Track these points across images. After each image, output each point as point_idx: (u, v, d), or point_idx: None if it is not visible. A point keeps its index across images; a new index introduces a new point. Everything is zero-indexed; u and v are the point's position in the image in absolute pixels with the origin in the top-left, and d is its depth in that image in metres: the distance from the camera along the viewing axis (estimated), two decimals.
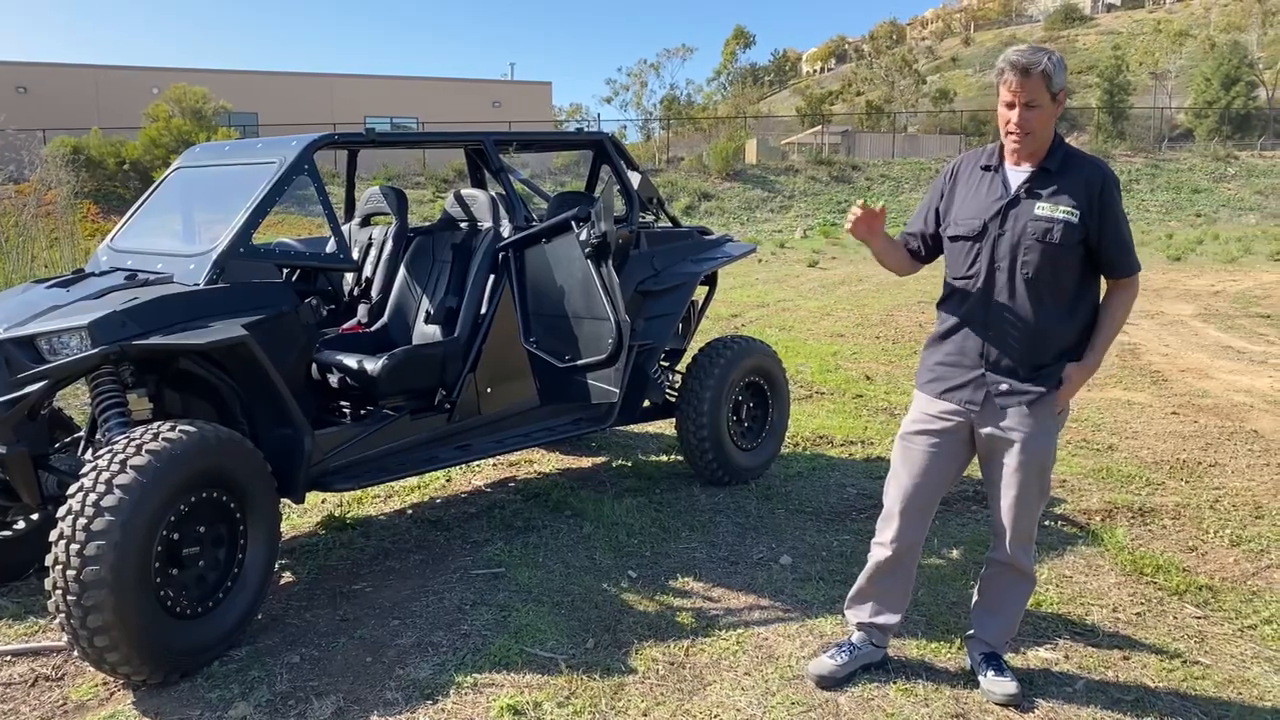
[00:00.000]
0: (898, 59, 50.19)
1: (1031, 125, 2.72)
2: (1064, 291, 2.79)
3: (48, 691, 3.14)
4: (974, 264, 2.87)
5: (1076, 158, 2.81)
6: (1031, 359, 2.82)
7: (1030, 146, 2.78)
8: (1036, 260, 2.76)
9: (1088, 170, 2.77)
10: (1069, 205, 2.73)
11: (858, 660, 3.13)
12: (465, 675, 3.15)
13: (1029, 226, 2.76)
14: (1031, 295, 2.78)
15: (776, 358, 5.33)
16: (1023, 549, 2.99)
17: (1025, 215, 2.77)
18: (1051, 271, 2.76)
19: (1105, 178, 2.76)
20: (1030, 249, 2.76)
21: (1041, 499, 2.96)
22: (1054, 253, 2.74)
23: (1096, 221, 2.74)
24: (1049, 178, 2.78)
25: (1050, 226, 2.74)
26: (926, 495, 3.01)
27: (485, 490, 5.18)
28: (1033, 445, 2.84)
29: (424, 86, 39.37)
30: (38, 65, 35.32)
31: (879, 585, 3.15)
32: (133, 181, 28.04)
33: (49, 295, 3.56)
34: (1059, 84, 2.72)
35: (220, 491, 3.20)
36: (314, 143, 3.93)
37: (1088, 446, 5.90)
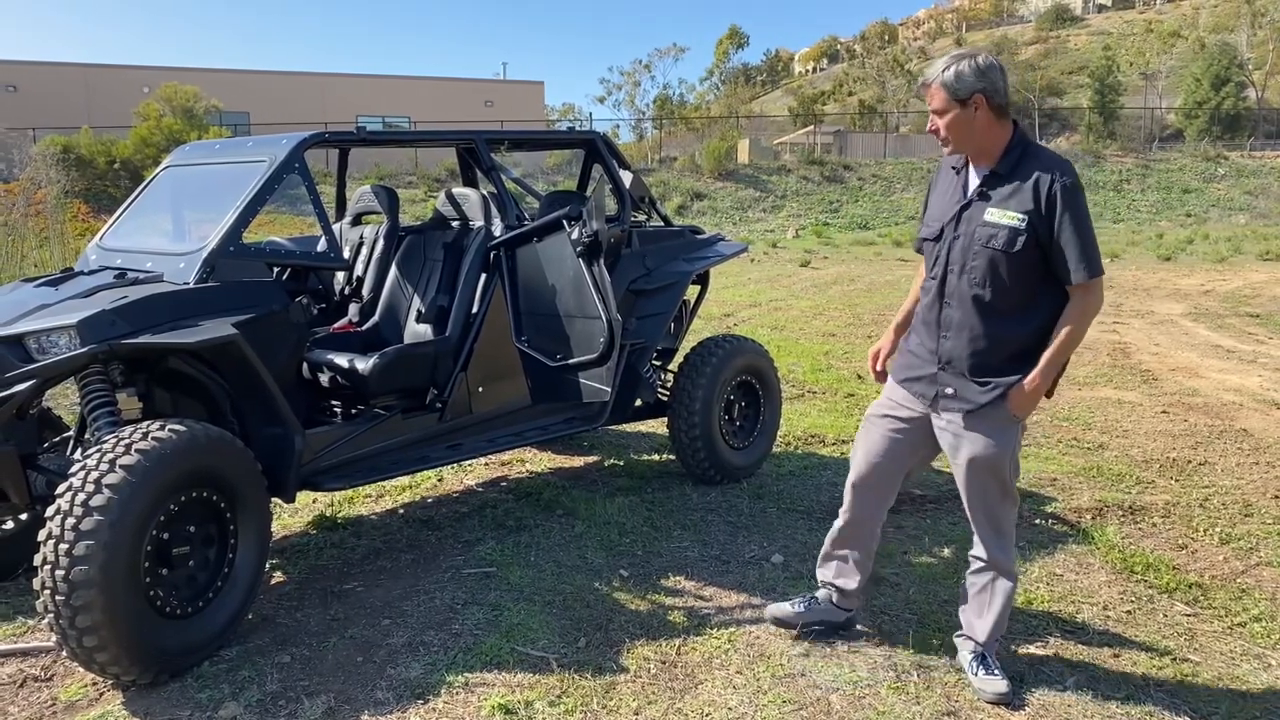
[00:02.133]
0: (890, 59, 50.24)
1: (946, 133, 2.76)
2: (1015, 298, 2.76)
3: (37, 692, 3.12)
4: (935, 265, 2.91)
5: (1032, 159, 2.76)
6: (979, 365, 2.82)
7: (963, 150, 2.82)
8: (983, 266, 2.76)
9: (1039, 172, 2.72)
10: (1017, 210, 2.71)
11: (815, 614, 3.31)
12: (456, 674, 3.15)
13: (977, 232, 2.76)
14: (978, 301, 2.78)
15: (768, 357, 5.34)
16: (997, 547, 3.00)
17: (975, 220, 2.78)
18: (998, 278, 2.74)
19: (1056, 180, 2.69)
20: (977, 254, 2.76)
21: (1005, 500, 2.96)
22: (999, 259, 2.73)
23: (1046, 225, 2.69)
24: (1000, 181, 2.77)
25: (995, 232, 2.72)
26: (879, 476, 3.10)
27: (477, 490, 5.17)
28: (981, 451, 2.86)
29: (416, 85, 39.31)
30: (28, 64, 35.15)
31: (838, 550, 3.31)
32: (123, 181, 27.92)
33: (37, 294, 3.55)
34: (965, 89, 2.70)
35: (210, 491, 3.19)
36: (304, 141, 3.91)
37: (1078, 445, 5.92)
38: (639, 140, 44.27)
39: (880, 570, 3.96)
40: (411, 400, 4.19)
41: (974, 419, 2.85)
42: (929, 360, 2.93)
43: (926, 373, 2.94)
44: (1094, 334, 10.21)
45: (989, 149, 2.79)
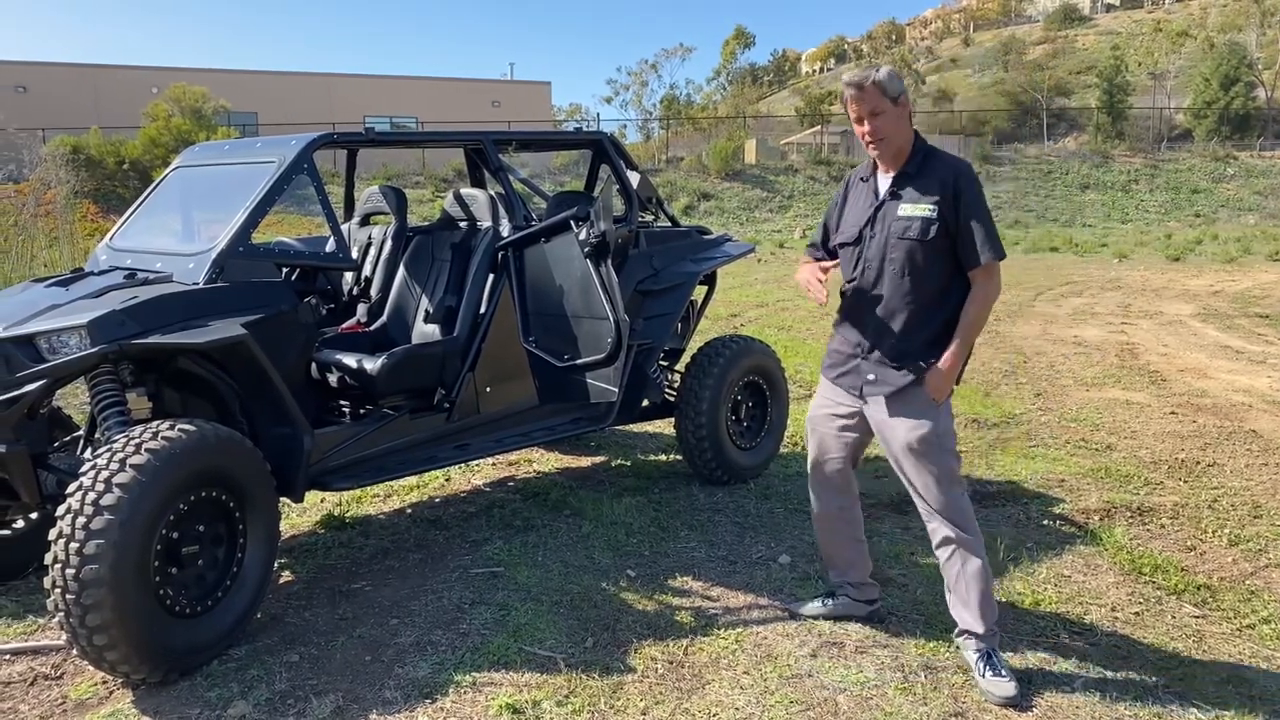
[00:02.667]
0: (897, 59, 50.19)
1: (882, 131, 2.99)
2: (932, 285, 2.99)
3: (47, 690, 3.14)
4: (856, 266, 3.13)
5: (935, 158, 3.04)
6: (899, 352, 3.03)
7: (889, 151, 3.04)
8: (902, 257, 2.99)
9: (942, 168, 3.00)
10: (928, 203, 2.96)
11: (838, 610, 3.47)
12: (464, 674, 3.16)
13: (894, 226, 3.01)
14: (900, 290, 3.01)
15: (775, 357, 5.34)
16: (951, 525, 3.08)
17: (891, 216, 3.02)
18: (917, 266, 2.98)
19: (958, 173, 2.98)
20: (896, 246, 3.00)
21: (945, 479, 3.06)
22: (916, 248, 2.97)
23: (953, 214, 2.94)
24: (909, 180, 3.02)
25: (910, 224, 2.97)
26: (831, 470, 3.32)
27: (484, 489, 5.18)
28: (908, 433, 3.03)
29: (423, 86, 39.38)
30: (37, 65, 35.31)
31: (828, 551, 3.49)
32: (132, 181, 28.02)
33: (48, 294, 3.56)
34: (895, 90, 2.96)
35: (219, 490, 3.20)
36: (313, 142, 3.93)
37: (1086, 446, 5.90)
38: (646, 140, 44.26)
39: (887, 571, 3.96)
40: (419, 400, 4.20)
41: (896, 403, 3.05)
42: (853, 353, 3.16)
43: (851, 365, 3.16)
44: (1101, 334, 10.20)
45: (903, 149, 3.05)
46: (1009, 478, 5.27)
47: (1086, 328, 10.75)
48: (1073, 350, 9.31)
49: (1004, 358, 8.94)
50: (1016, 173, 34.17)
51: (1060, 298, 13.61)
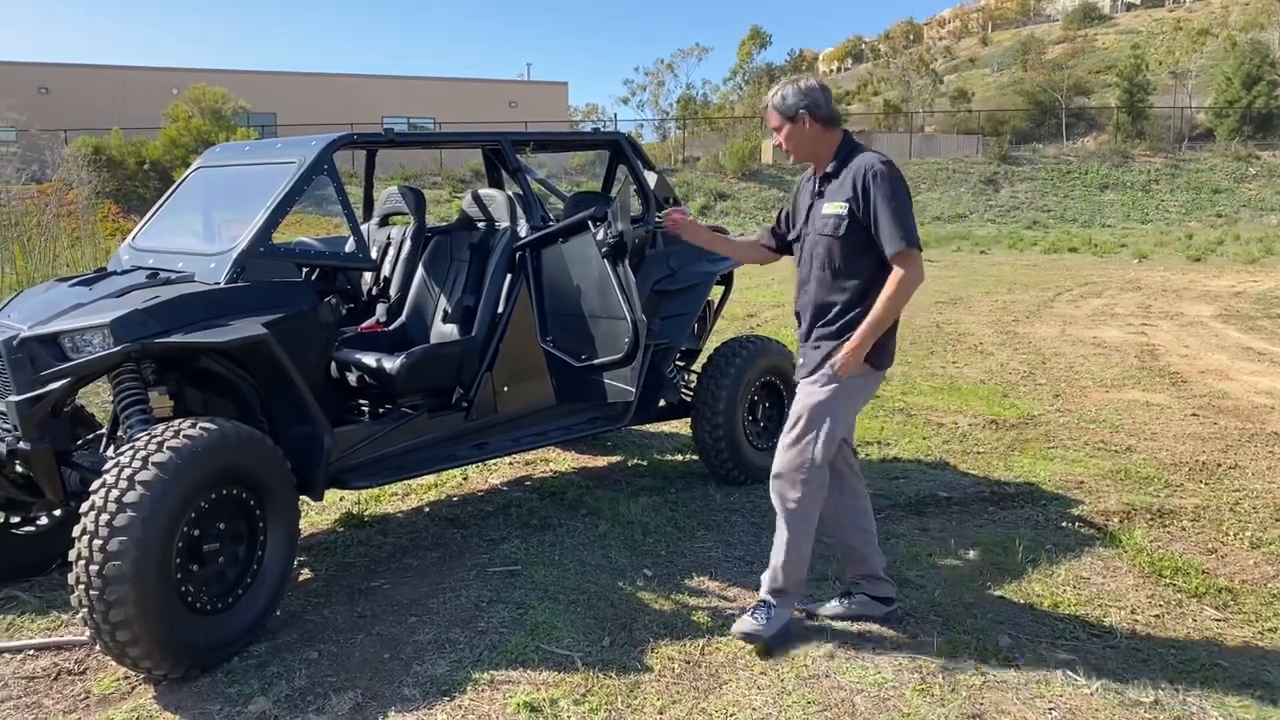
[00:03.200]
0: (915, 59, 49.99)
1: (788, 143, 3.29)
2: (854, 278, 3.20)
3: (70, 685, 3.17)
4: (800, 259, 3.40)
5: (851, 158, 3.24)
6: (820, 334, 3.28)
7: (801, 158, 3.33)
8: (824, 252, 3.23)
9: (855, 166, 3.19)
10: (842, 200, 3.18)
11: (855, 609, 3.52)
12: (482, 672, 3.17)
13: (818, 223, 3.26)
14: (825, 282, 3.25)
15: (792, 357, 5.32)
16: (780, 491, 3.31)
17: (817, 215, 3.27)
18: (836, 261, 3.20)
19: (866, 169, 3.14)
20: (819, 243, 3.25)
21: (806, 448, 3.23)
22: (833, 244, 3.20)
23: (863, 209, 3.13)
24: (830, 179, 3.27)
25: (828, 221, 3.21)
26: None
27: (501, 489, 5.20)
28: (805, 400, 3.27)
29: (440, 87, 39.52)
30: (59, 66, 35.65)
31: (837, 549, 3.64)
32: (153, 181, 28.26)
33: (72, 294, 3.60)
34: (791, 107, 3.22)
35: (240, 488, 3.23)
36: (333, 143, 3.95)
37: (1105, 448, 5.87)
38: (662, 140, 44.23)
39: (905, 573, 3.95)
40: (438, 399, 4.23)
41: (812, 378, 3.28)
42: (801, 339, 3.40)
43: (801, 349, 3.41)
44: (1121, 335, 10.14)
45: (821, 155, 3.29)
46: (1027, 479, 5.25)
47: (1106, 329, 10.68)
48: (1092, 351, 9.26)
49: (1022, 359, 8.89)
50: (1035, 172, 33.98)
51: (1079, 298, 13.52)
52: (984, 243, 24.61)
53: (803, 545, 3.32)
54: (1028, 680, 3.12)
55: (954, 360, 8.83)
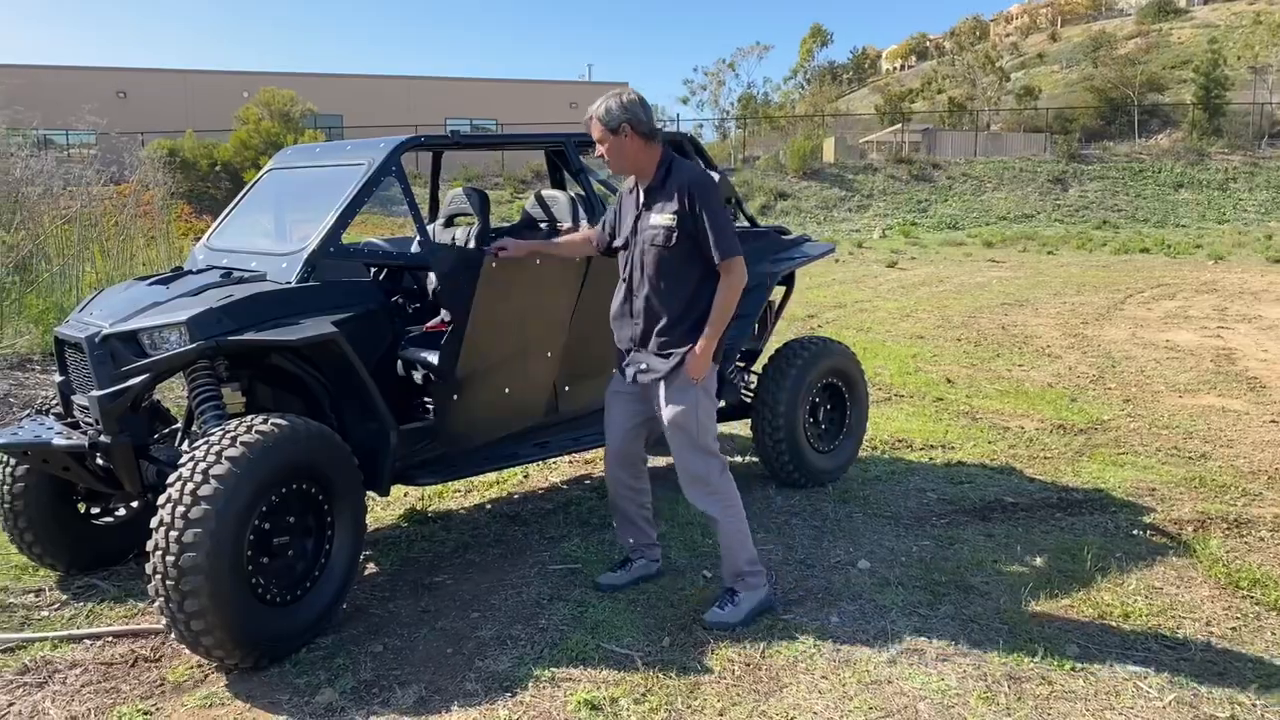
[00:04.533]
0: (981, 56, 49.07)
1: (609, 155, 3.39)
2: (684, 284, 3.37)
3: (146, 671, 3.27)
4: (625, 268, 3.52)
5: (674, 172, 3.39)
6: (661, 341, 3.42)
7: (623, 171, 3.48)
8: (654, 260, 3.37)
9: (678, 180, 3.36)
10: (670, 212, 3.33)
11: (638, 573, 3.85)
12: (543, 669, 3.20)
13: (646, 234, 3.39)
14: (657, 287, 3.39)
15: (855, 359, 5.27)
16: (698, 495, 3.53)
17: (644, 225, 3.41)
18: (667, 269, 3.36)
19: (692, 183, 3.33)
20: (648, 252, 3.38)
21: (696, 451, 3.47)
22: (664, 252, 3.35)
23: (690, 220, 3.31)
24: (656, 193, 3.40)
25: (657, 232, 3.35)
26: (620, 440, 3.68)
27: (562, 487, 5.24)
28: (672, 412, 3.42)
29: (502, 88, 39.92)
30: (136, 70, 36.81)
31: (618, 516, 3.85)
32: (224, 182, 29.01)
33: (150, 292, 3.71)
34: (614, 120, 3.32)
35: (309, 483, 3.30)
36: (401, 145, 4.01)
37: (1179, 454, 5.71)
38: (722, 140, 44.10)
39: (969, 578, 3.89)
40: None
41: (665, 386, 3.42)
42: (626, 345, 3.55)
43: (629, 357, 3.55)
44: (1196, 338, 9.85)
45: (644, 168, 3.42)
46: (1096, 486, 5.13)
47: (1180, 331, 10.38)
48: (1165, 355, 9.01)
49: (1091, 362, 8.69)
50: (1105, 171, 33.14)
51: (1151, 300, 13.17)
52: (1051, 243, 24.09)
53: (741, 527, 3.55)
54: (1097, 691, 3.05)
55: (1020, 363, 8.66)
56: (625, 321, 3.55)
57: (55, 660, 3.34)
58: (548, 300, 4.25)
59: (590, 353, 4.44)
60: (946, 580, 3.88)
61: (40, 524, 3.85)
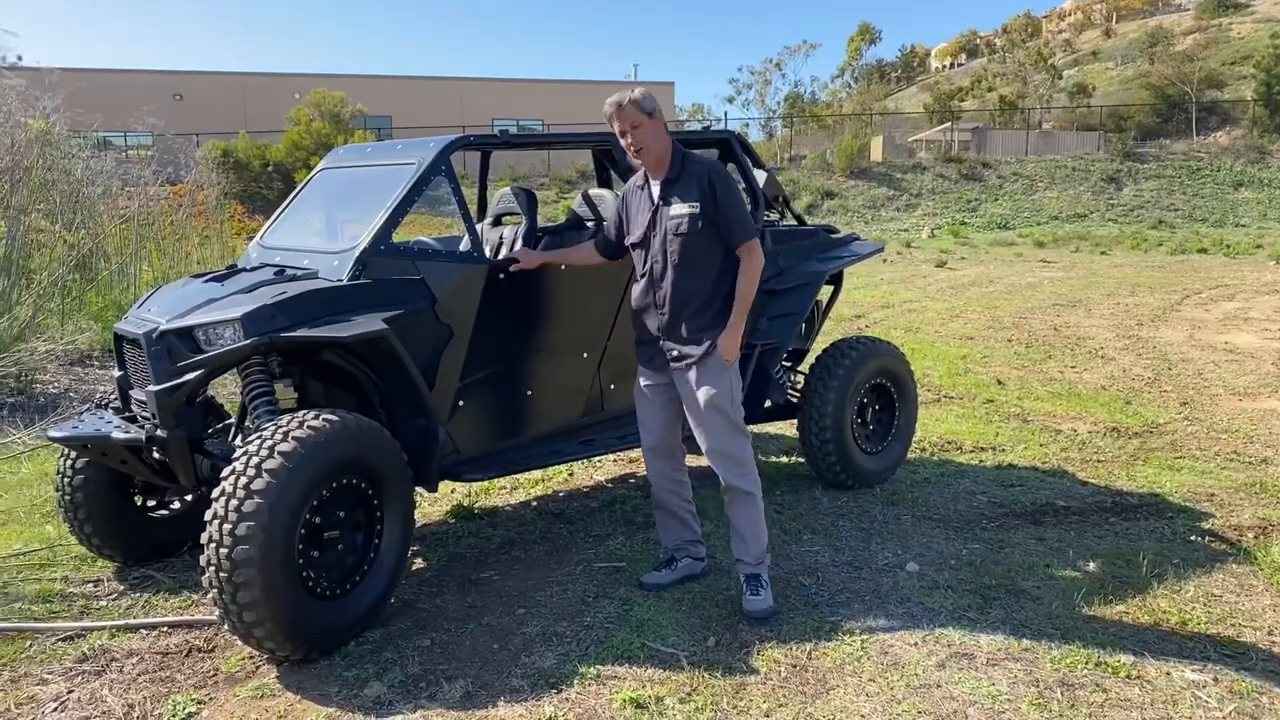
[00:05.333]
0: (1033, 53, 48.28)
1: (641, 141, 3.48)
2: (709, 268, 3.52)
3: (200, 662, 3.34)
4: (645, 262, 3.63)
5: (690, 163, 3.56)
6: (691, 326, 3.53)
7: (651, 158, 3.52)
8: (679, 248, 3.50)
9: (698, 170, 3.52)
10: (692, 200, 3.48)
11: (683, 572, 3.87)
12: (588, 666, 3.20)
13: (669, 224, 3.51)
14: (684, 275, 3.52)
15: (904, 359, 5.21)
16: (733, 473, 3.63)
17: (665, 217, 3.53)
18: (692, 256, 3.50)
19: (710, 172, 3.51)
20: (672, 241, 3.51)
21: (733, 431, 3.60)
22: (689, 240, 3.48)
23: (712, 207, 3.47)
24: (673, 185, 3.54)
25: (680, 220, 3.49)
26: (660, 435, 3.76)
27: (606, 485, 5.25)
28: (706, 394, 3.53)
29: (549, 89, 40.09)
30: (192, 73, 37.55)
31: (662, 513, 3.88)
32: (276, 182, 29.50)
33: (205, 289, 3.78)
34: (650, 106, 3.48)
35: (359, 478, 3.34)
36: (451, 144, 4.04)
37: (1238, 459, 5.56)
38: (768, 139, 43.87)
39: (1020, 583, 3.83)
40: None
41: (698, 370, 3.53)
42: (654, 338, 3.64)
43: (655, 348, 3.64)
44: (1256, 341, 9.60)
45: (663, 157, 3.54)
46: (1152, 490, 5.02)
47: (1239, 333, 10.13)
48: (1223, 357, 8.79)
49: (1146, 364, 8.51)
50: (1161, 170, 32.44)
51: (1209, 301, 12.86)
52: (1105, 243, 23.64)
53: (761, 514, 3.70)
54: (1153, 699, 2.98)
55: (1073, 365, 8.51)
56: (651, 313, 3.63)
57: (113, 649, 3.42)
58: (581, 303, 4.25)
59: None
60: (997, 584, 3.82)
61: (99, 516, 3.94)
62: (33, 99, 9.78)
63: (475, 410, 4.00)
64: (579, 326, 4.27)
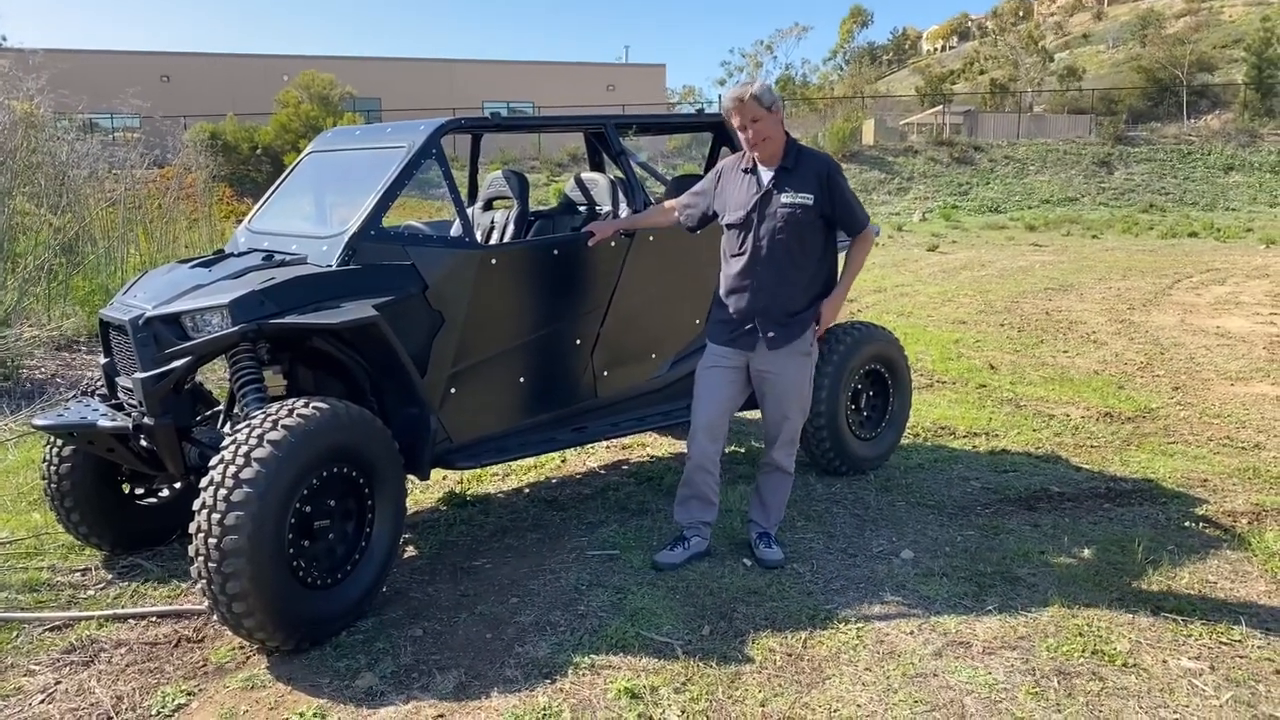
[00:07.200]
0: (1024, 35, 48.19)
1: (762, 133, 3.61)
2: (807, 256, 3.69)
3: (189, 652, 3.30)
4: (743, 244, 3.72)
5: (806, 155, 3.72)
6: (788, 309, 3.70)
7: (769, 150, 3.66)
8: (789, 235, 3.64)
9: (816, 164, 3.69)
10: (805, 192, 3.64)
11: (695, 550, 3.94)
12: (583, 656, 3.18)
13: (780, 212, 3.64)
14: (784, 262, 3.67)
15: (899, 345, 5.18)
16: (787, 455, 3.92)
17: (776, 204, 3.66)
18: (800, 241, 3.66)
19: (829, 167, 3.70)
20: (781, 228, 3.64)
21: (802, 414, 3.90)
22: (798, 229, 3.64)
23: (829, 199, 3.66)
24: (789, 174, 3.67)
25: (792, 210, 3.63)
26: (719, 417, 3.85)
27: (599, 472, 5.21)
28: (790, 374, 3.76)
29: (539, 71, 39.86)
30: (180, 55, 37.20)
31: (694, 493, 3.93)
32: (265, 165, 29.27)
33: (192, 275, 3.72)
34: (769, 100, 3.59)
35: (350, 467, 3.29)
36: (441, 127, 3.98)
37: (1231, 444, 5.56)
38: None
39: (1015, 570, 3.81)
40: None
41: (788, 351, 3.72)
42: (746, 317, 3.73)
43: (746, 328, 3.74)
44: (1248, 325, 9.61)
45: (777, 149, 3.68)
46: (1145, 475, 5.01)
47: (1230, 318, 10.14)
48: (1215, 342, 8.79)
49: (1138, 349, 8.51)
50: (1152, 153, 32.44)
51: (1200, 286, 12.87)
52: (1096, 227, 23.66)
53: (789, 492, 4.04)
54: (1150, 688, 2.97)
55: (1065, 349, 8.50)
56: (746, 294, 3.73)
57: (101, 639, 3.38)
58: (574, 289, 4.20)
59: (629, 338, 4.40)
60: (992, 571, 3.81)
61: (86, 504, 3.89)
62: (16, 81, 9.65)
63: (467, 398, 3.96)
64: (572, 313, 4.22)
